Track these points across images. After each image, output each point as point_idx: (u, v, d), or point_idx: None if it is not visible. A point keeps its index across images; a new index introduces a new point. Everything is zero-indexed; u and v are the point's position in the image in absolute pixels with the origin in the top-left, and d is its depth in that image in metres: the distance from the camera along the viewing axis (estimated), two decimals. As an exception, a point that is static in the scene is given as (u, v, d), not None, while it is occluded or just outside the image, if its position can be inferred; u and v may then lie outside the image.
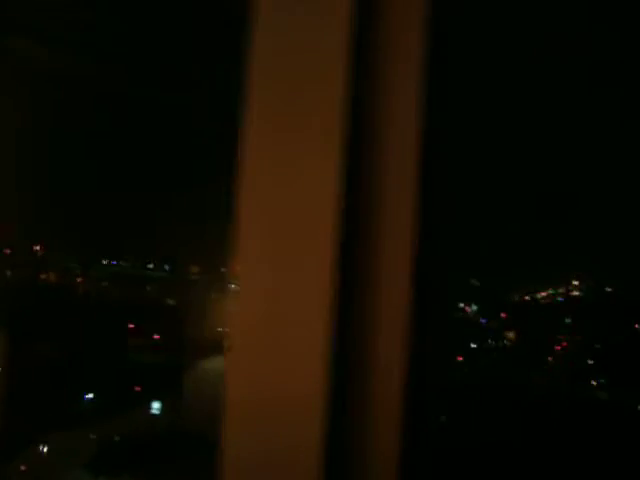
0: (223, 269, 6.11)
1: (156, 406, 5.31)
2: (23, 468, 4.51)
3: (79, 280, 6.55)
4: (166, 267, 6.64)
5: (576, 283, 7.04)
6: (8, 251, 6.22)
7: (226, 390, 1.00)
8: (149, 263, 6.61)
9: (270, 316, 1.00)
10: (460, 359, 6.34)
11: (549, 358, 6.83)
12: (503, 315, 6.91)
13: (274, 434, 1.02)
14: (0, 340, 4.86)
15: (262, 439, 1.03)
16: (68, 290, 6.42)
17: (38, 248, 6.45)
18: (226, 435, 1.01)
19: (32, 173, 5.54)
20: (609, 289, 7.51)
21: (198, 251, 6.18)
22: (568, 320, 7.03)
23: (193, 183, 5.96)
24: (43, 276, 6.47)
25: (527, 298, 7.08)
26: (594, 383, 6.77)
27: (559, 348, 6.90)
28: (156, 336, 6.06)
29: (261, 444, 1.03)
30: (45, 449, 4.61)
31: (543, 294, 7.11)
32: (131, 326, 6.15)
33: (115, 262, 6.70)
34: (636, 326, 7.56)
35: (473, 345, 6.68)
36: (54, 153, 5.66)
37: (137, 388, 5.58)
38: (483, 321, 7.22)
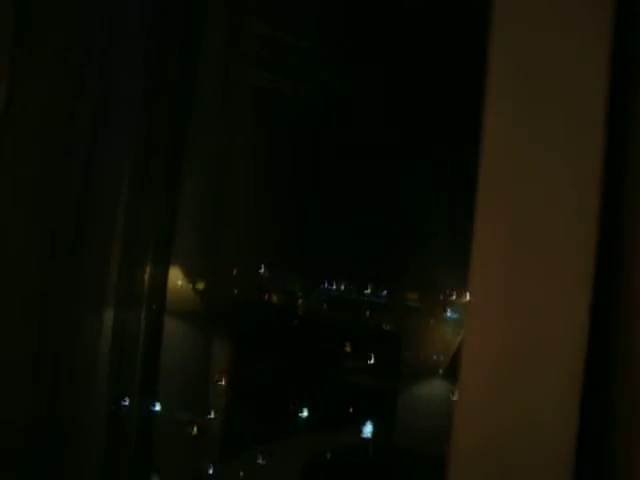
0: (441, 296, 6.00)
1: (368, 428, 5.27)
2: (237, 472, 4.66)
3: (299, 302, 6.72)
4: (384, 292, 6.63)
5: None
6: (235, 271, 6.48)
7: (460, 405, 0.90)
8: (367, 288, 6.64)
9: (512, 331, 0.89)
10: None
11: None
12: None
13: (516, 450, 0.90)
14: (225, 355, 5.07)
15: (501, 453, 0.91)
16: (288, 311, 6.59)
17: (262, 270, 6.69)
18: (457, 443, 0.92)
19: (262, 195, 5.76)
20: None
21: (416, 277, 6.11)
22: None
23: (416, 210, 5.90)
24: (266, 296, 6.70)
25: None
26: None
27: None
28: (371, 360, 6.05)
29: (499, 462, 0.91)
30: (257, 458, 4.73)
31: None
32: (347, 349, 6.19)
33: (333, 286, 6.80)
34: None
35: None
36: (283, 174, 5.85)
37: (350, 409, 5.58)
38: None
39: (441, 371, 5.68)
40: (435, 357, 5.78)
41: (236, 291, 6.28)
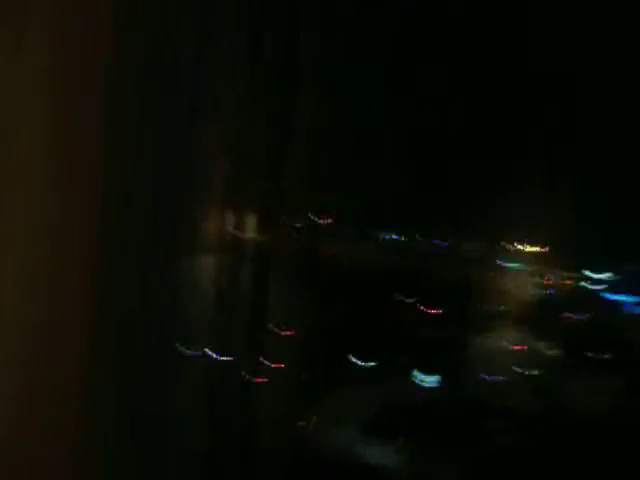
0: (502, 244, 5.95)
1: (430, 379, 5.30)
2: (310, 417, 4.76)
3: (360, 251, 6.71)
4: (442, 242, 6.59)
5: None
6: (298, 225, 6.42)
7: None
8: (425, 237, 6.60)
9: None
10: None
11: None
12: None
13: None
14: (301, 300, 5.11)
15: None
16: (349, 260, 6.59)
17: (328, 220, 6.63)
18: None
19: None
20: None
21: (476, 226, 6.03)
22: None
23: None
24: (329, 248, 6.68)
25: None
26: None
27: None
28: (432, 310, 6.05)
29: None
30: (325, 404, 4.81)
31: None
32: (407, 300, 6.19)
33: (392, 236, 6.77)
34: None
35: None
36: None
37: (410, 359, 5.62)
38: None
39: (502, 322, 5.66)
40: (497, 308, 5.76)
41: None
